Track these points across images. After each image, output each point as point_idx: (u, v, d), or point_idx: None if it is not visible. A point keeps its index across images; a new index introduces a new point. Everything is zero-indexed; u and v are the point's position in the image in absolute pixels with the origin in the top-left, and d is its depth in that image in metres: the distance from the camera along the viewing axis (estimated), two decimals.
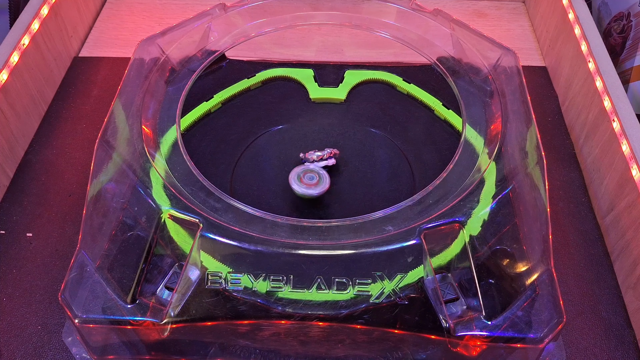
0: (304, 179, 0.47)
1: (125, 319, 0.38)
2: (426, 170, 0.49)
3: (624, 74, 0.65)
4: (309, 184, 0.46)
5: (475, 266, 0.39)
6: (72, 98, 0.62)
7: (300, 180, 0.47)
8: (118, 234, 0.41)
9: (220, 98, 0.54)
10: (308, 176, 0.47)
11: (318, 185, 0.46)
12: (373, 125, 0.54)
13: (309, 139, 0.53)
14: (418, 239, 0.39)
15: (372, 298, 0.38)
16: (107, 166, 0.44)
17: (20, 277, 0.48)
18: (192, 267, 0.39)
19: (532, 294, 0.38)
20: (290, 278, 0.39)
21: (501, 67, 0.51)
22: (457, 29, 0.55)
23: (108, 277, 0.39)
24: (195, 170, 0.44)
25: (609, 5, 0.69)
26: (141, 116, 0.47)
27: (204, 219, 0.40)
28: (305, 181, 0.46)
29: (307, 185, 0.46)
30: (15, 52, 0.55)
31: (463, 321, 0.37)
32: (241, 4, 0.57)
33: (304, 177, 0.47)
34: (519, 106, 0.47)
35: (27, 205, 0.52)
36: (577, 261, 0.50)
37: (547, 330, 0.37)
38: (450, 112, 0.53)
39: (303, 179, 0.47)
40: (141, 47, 0.53)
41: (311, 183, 0.46)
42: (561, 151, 0.58)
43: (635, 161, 0.47)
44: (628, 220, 0.47)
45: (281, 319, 0.38)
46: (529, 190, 0.43)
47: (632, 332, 0.45)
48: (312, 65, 0.58)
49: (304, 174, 0.47)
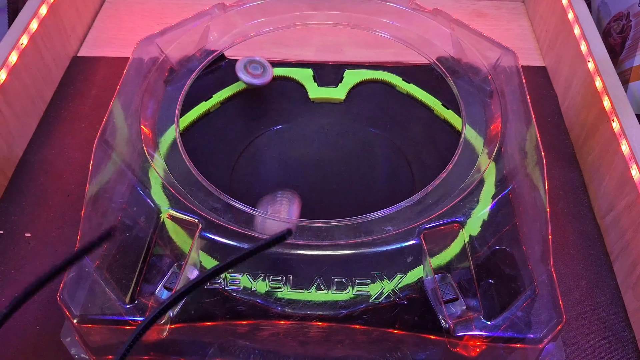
0: (250, 68, 0.49)
1: (124, 319, 0.38)
2: (425, 170, 0.49)
3: (624, 74, 0.65)
4: (254, 74, 0.49)
5: (474, 266, 0.39)
6: (71, 98, 0.62)
7: (247, 70, 0.49)
8: (117, 234, 0.41)
9: (219, 98, 0.54)
10: (253, 66, 0.49)
11: (262, 75, 0.50)
12: (372, 125, 0.54)
13: (308, 138, 0.53)
14: (417, 239, 0.39)
15: (371, 298, 0.38)
16: (106, 166, 0.44)
17: (18, 277, 0.48)
18: (191, 267, 0.39)
19: (532, 294, 0.38)
20: (290, 278, 0.39)
21: (501, 67, 0.51)
22: (456, 28, 0.55)
23: (107, 277, 0.39)
24: (194, 170, 0.44)
25: (609, 5, 0.69)
26: (140, 116, 0.47)
27: (203, 219, 0.40)
28: (251, 71, 0.49)
29: (252, 75, 0.49)
30: (13, 52, 0.55)
31: (462, 321, 0.37)
32: (240, 4, 0.57)
33: (250, 67, 0.49)
34: (518, 106, 0.47)
35: (25, 206, 0.52)
36: (576, 261, 0.50)
37: (547, 331, 0.37)
38: (449, 112, 0.53)
39: (249, 68, 0.49)
40: (140, 46, 0.52)
41: (256, 73, 0.49)
42: (561, 151, 0.58)
43: (634, 161, 0.47)
44: (628, 221, 0.47)
45: (280, 319, 0.38)
46: (528, 191, 0.43)
47: (631, 333, 0.45)
48: (311, 65, 0.58)
49: (249, 64, 0.49)
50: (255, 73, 0.48)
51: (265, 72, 0.49)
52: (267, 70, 0.49)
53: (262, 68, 0.48)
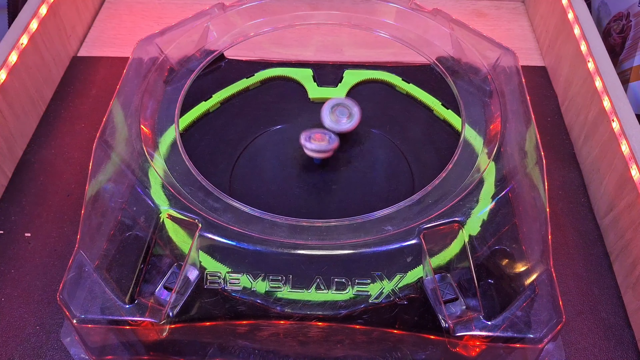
0: (336, 113, 0.48)
1: (123, 319, 0.38)
2: (425, 170, 0.49)
3: (624, 74, 0.65)
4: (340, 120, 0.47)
5: (474, 266, 0.39)
6: (71, 98, 0.62)
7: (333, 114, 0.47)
8: (117, 234, 0.41)
9: (219, 98, 0.54)
10: (340, 110, 0.48)
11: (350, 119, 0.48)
12: (372, 125, 0.53)
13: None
14: (417, 239, 0.39)
15: (371, 298, 0.38)
16: (105, 166, 0.44)
17: (18, 277, 0.48)
18: (191, 267, 0.39)
19: (532, 294, 0.38)
20: (289, 278, 0.39)
21: (500, 67, 0.51)
22: (456, 28, 0.55)
23: (106, 277, 0.39)
24: (194, 170, 0.44)
25: (609, 5, 0.69)
26: (140, 116, 0.47)
27: (203, 219, 0.40)
28: (338, 116, 0.48)
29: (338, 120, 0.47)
30: (13, 52, 0.55)
31: (462, 321, 0.37)
32: (240, 4, 0.57)
33: (336, 112, 0.48)
34: (518, 106, 0.47)
35: (25, 205, 0.52)
36: (576, 261, 0.50)
37: (547, 331, 0.37)
38: (449, 112, 0.53)
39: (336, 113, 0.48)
40: (140, 46, 0.52)
41: (342, 118, 0.48)
42: (560, 151, 0.58)
43: (634, 161, 0.47)
44: (627, 221, 0.47)
45: (280, 319, 0.38)
46: (528, 190, 0.43)
47: (631, 332, 0.45)
48: (311, 65, 0.58)
49: (336, 107, 0.48)
50: (341, 118, 0.48)
51: (353, 116, 0.48)
52: (354, 114, 0.48)
53: (349, 112, 0.48)
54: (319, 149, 0.47)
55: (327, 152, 0.47)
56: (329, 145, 0.47)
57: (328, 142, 0.47)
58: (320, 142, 0.47)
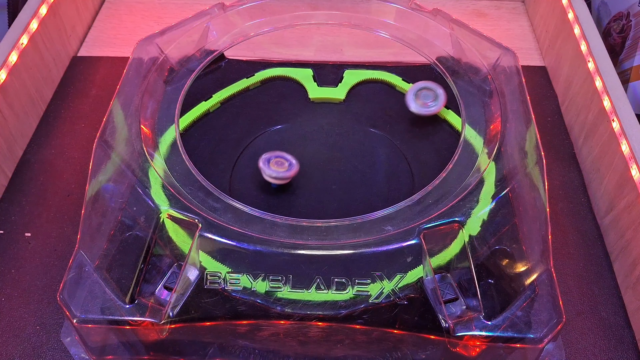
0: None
1: (123, 319, 0.38)
2: (425, 170, 0.49)
3: (624, 74, 0.65)
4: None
5: (474, 266, 0.39)
6: (71, 98, 0.62)
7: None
8: (117, 234, 0.41)
9: (219, 98, 0.54)
10: (424, 94, 0.50)
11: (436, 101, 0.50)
12: (372, 125, 0.54)
13: (308, 139, 0.53)
14: (417, 239, 0.39)
15: (371, 298, 0.38)
16: (105, 166, 0.44)
17: (18, 277, 0.48)
18: (191, 267, 0.39)
19: (532, 294, 0.38)
20: (290, 278, 0.39)
21: (500, 67, 0.51)
22: (456, 28, 0.55)
23: (107, 277, 0.39)
24: (194, 170, 0.44)
25: (609, 5, 0.69)
26: (140, 116, 0.47)
27: (203, 219, 0.40)
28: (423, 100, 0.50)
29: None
30: (13, 52, 0.55)
31: (462, 321, 0.37)
32: (240, 4, 0.57)
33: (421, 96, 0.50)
34: (518, 106, 0.47)
35: (25, 205, 0.52)
36: (576, 261, 0.50)
37: (547, 330, 0.37)
38: (449, 112, 0.53)
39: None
40: (140, 46, 0.52)
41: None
42: (560, 151, 0.58)
43: (634, 161, 0.47)
44: (627, 220, 0.47)
45: (280, 319, 0.38)
46: (528, 190, 0.43)
47: (631, 332, 0.45)
48: (311, 65, 0.58)
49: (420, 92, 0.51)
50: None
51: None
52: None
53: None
54: (277, 175, 0.46)
55: (285, 179, 0.47)
56: (287, 172, 0.47)
57: (287, 168, 0.47)
58: (279, 169, 0.46)
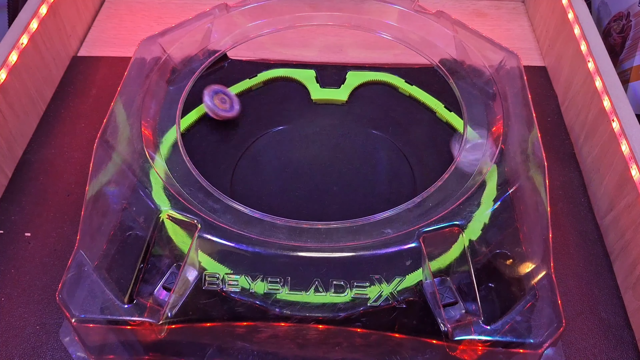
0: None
1: (122, 319, 0.38)
2: (427, 173, 0.49)
3: (624, 74, 0.65)
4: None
5: (474, 270, 0.39)
6: (71, 98, 0.62)
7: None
8: (116, 234, 0.41)
9: None
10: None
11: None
12: (374, 126, 0.53)
13: (309, 140, 0.53)
14: (417, 243, 0.39)
15: (370, 301, 0.38)
16: (106, 166, 0.44)
17: (18, 277, 0.48)
18: (190, 267, 0.39)
19: (532, 298, 0.38)
20: (288, 280, 0.39)
21: (503, 70, 0.51)
22: (459, 30, 0.54)
23: (106, 277, 0.39)
24: (194, 171, 0.44)
25: (609, 5, 0.69)
26: (141, 116, 0.47)
27: (202, 220, 0.40)
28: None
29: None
30: (13, 52, 0.55)
31: (462, 325, 0.37)
32: (243, 4, 0.57)
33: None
34: (520, 109, 0.47)
35: (25, 205, 0.52)
36: (576, 261, 0.49)
37: (547, 335, 0.37)
38: (452, 114, 0.53)
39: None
40: (142, 46, 0.52)
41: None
42: (561, 151, 0.58)
43: (634, 161, 0.47)
44: (627, 221, 0.47)
45: (279, 321, 0.38)
46: (530, 194, 0.43)
47: (631, 333, 0.45)
48: (313, 66, 0.58)
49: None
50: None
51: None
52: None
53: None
54: (216, 111, 0.48)
55: (223, 117, 0.48)
56: (229, 111, 0.48)
57: (230, 106, 0.48)
58: (223, 105, 0.48)
